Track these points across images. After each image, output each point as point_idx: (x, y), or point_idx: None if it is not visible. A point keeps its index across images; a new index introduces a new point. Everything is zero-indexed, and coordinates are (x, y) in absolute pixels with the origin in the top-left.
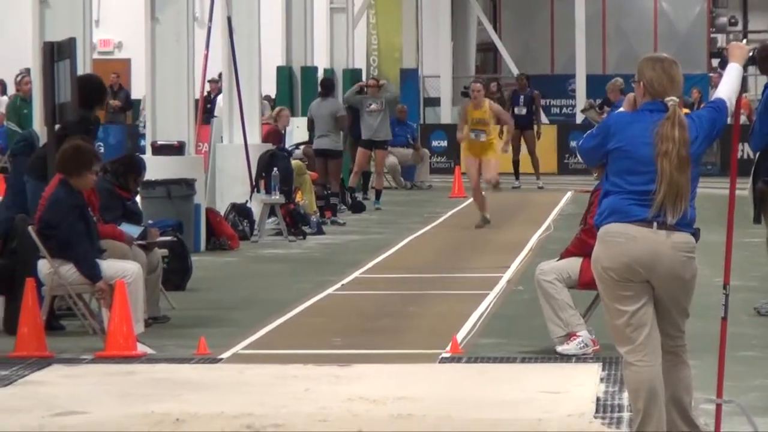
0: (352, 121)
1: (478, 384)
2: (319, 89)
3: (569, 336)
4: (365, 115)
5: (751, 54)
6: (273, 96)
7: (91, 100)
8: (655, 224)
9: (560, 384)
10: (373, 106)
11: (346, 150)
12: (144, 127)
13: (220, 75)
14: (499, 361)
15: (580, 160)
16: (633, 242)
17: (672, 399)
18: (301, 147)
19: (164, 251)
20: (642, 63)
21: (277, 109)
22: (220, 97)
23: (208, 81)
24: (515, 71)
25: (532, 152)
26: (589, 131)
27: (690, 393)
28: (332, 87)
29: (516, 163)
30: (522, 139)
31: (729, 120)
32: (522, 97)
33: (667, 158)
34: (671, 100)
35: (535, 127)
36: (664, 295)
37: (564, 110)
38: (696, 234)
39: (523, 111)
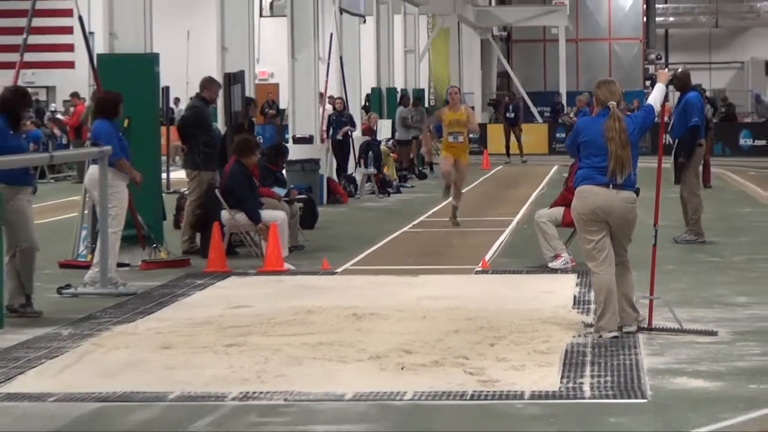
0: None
1: (499, 287)
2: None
3: (556, 257)
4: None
5: (670, 77)
6: (369, 106)
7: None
8: (610, 185)
9: (550, 287)
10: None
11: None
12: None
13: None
14: (511, 273)
15: (567, 151)
16: (596, 196)
17: (623, 294)
18: (391, 140)
19: (300, 204)
20: (595, 86)
21: (368, 114)
22: None
23: (328, 97)
24: (521, 90)
25: (518, 139)
26: (569, 134)
27: (633, 290)
28: (401, 99)
29: (507, 148)
30: (511, 132)
31: (657, 119)
32: (510, 106)
33: (612, 141)
34: (611, 103)
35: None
36: (616, 230)
37: (551, 114)
38: (637, 191)
39: (512, 114)
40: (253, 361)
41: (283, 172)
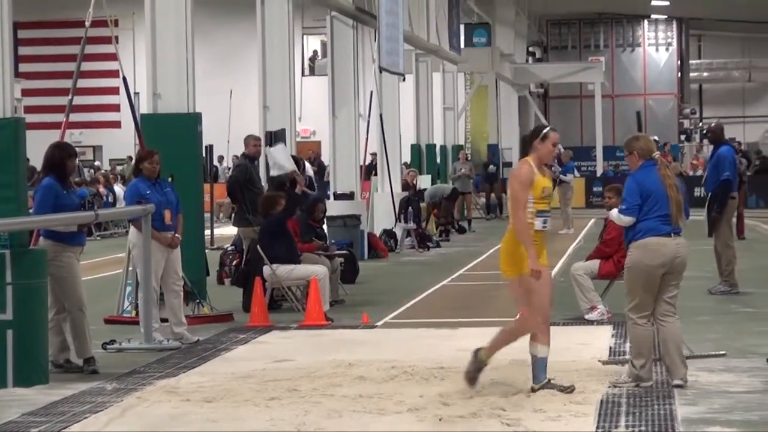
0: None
1: None
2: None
3: (592, 308)
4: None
5: (704, 132)
6: (408, 162)
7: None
8: (672, 234)
9: (586, 339)
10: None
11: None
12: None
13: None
14: (550, 324)
15: (627, 214)
16: (664, 247)
17: (676, 347)
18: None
19: (341, 259)
20: (630, 141)
21: (407, 170)
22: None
23: (370, 154)
24: (559, 146)
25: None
26: (624, 199)
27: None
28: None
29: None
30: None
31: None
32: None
33: (671, 188)
34: (656, 154)
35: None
36: (674, 277)
37: (588, 168)
38: None
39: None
40: (294, 414)
41: (325, 228)
